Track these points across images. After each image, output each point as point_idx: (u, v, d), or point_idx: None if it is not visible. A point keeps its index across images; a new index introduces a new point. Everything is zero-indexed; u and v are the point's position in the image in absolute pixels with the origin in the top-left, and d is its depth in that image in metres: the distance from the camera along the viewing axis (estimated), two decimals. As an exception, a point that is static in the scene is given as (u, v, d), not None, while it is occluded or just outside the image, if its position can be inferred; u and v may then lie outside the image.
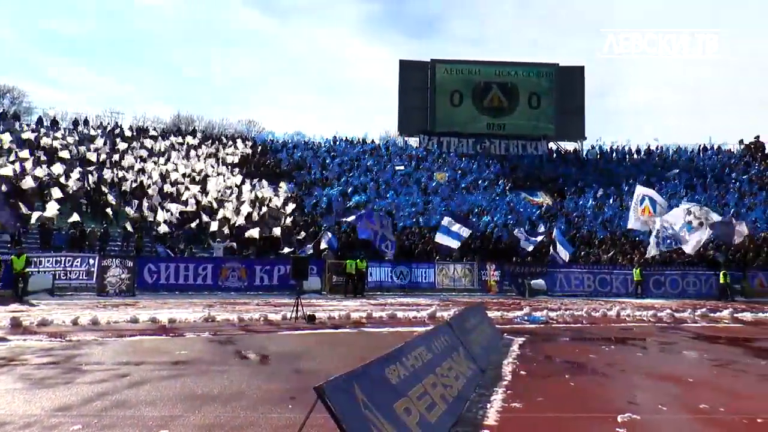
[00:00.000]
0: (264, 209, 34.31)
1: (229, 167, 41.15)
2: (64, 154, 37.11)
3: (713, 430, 6.25)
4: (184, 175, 37.84)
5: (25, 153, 35.34)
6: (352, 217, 28.61)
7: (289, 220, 33.23)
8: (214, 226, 31.16)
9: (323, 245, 28.80)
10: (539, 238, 31.84)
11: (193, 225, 31.23)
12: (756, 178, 45.81)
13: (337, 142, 50.39)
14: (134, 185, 34.78)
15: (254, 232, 30.37)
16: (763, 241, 33.01)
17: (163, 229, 29.93)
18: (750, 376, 9.38)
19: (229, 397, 7.11)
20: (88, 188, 33.11)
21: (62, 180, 32.71)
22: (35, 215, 28.38)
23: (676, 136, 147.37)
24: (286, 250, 29.57)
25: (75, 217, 28.54)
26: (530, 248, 31.20)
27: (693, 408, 7.03)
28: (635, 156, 51.81)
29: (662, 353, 12.05)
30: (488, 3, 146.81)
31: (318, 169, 42.79)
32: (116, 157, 39.17)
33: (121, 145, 41.80)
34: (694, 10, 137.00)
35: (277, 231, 30.86)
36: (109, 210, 31.20)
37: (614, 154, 52.10)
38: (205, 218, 31.97)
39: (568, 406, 7.17)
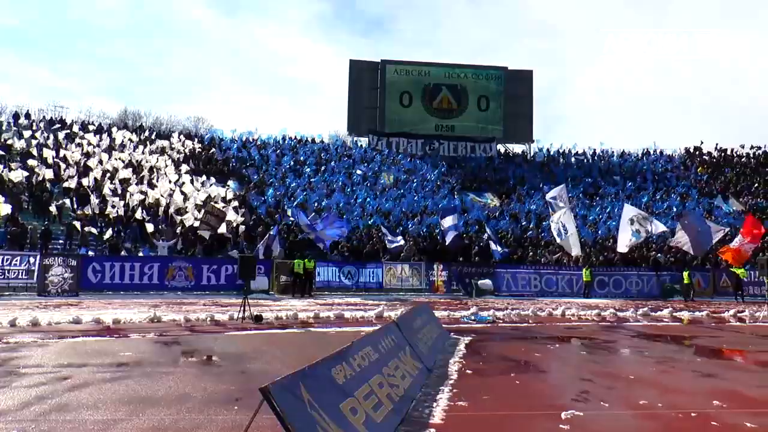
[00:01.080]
0: (211, 208, 33.80)
1: (177, 164, 40.47)
2: (4, 148, 36.03)
3: (651, 425, 6.41)
4: (129, 172, 37.05)
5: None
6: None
7: (236, 218, 32.85)
8: (160, 225, 30.62)
9: (275, 246, 28.50)
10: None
11: (138, 223, 30.61)
12: (696, 183, 47.24)
13: (286, 141, 50.06)
14: (78, 181, 33.92)
15: (202, 231, 29.94)
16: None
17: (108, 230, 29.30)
18: (687, 372, 9.67)
19: (174, 399, 7.02)
20: (30, 184, 32.22)
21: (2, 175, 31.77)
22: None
23: (620, 140, 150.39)
24: (235, 251, 29.25)
25: (6, 209, 27.65)
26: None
27: (633, 404, 7.22)
28: (582, 159, 52.77)
29: (605, 351, 12.30)
30: (439, 4, 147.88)
31: (266, 168, 42.42)
32: (59, 152, 38.12)
33: (65, 140, 40.76)
34: (645, 12, 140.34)
35: (224, 230, 30.48)
36: (53, 207, 30.36)
37: (561, 158, 52.98)
38: (150, 216, 31.39)
39: (513, 403, 7.28)
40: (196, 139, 48.37)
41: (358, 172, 44.21)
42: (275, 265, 27.45)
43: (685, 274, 29.62)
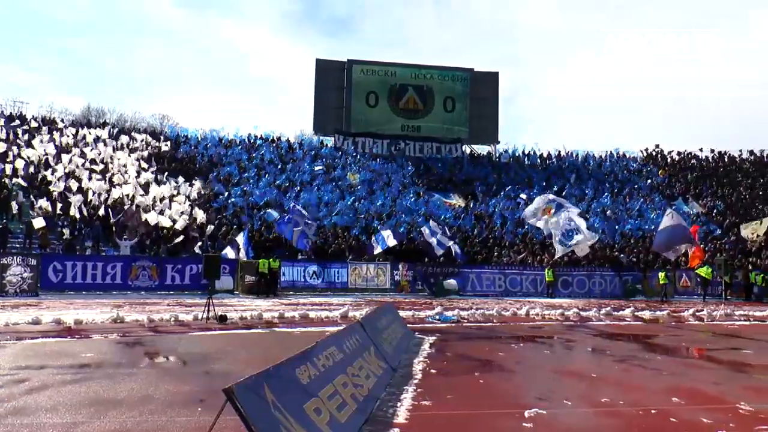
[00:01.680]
0: (176, 206, 33.48)
1: (141, 162, 39.91)
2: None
3: (612, 423, 6.52)
4: (92, 170, 36.48)
5: None
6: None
7: (202, 217, 32.57)
8: (128, 225, 30.12)
9: (241, 248, 28.18)
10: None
11: (100, 221, 30.14)
12: (657, 185, 48.08)
13: (252, 140, 49.71)
14: (39, 178, 33.28)
15: (168, 232, 29.64)
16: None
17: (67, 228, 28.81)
18: (647, 370, 9.81)
19: (136, 401, 6.91)
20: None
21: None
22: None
23: (585, 142, 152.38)
24: (198, 249, 28.98)
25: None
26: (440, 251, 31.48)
27: (595, 402, 7.33)
28: (546, 161, 53.26)
29: (568, 350, 12.45)
30: (406, 5, 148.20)
31: (233, 167, 42.06)
32: (19, 148, 37.32)
33: (25, 136, 39.94)
34: (612, 15, 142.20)
35: (184, 227, 30.16)
36: (14, 204, 29.74)
37: (526, 159, 53.42)
38: (116, 216, 30.90)
39: (476, 402, 7.32)
40: (161, 137, 47.71)
41: (318, 168, 44.10)
42: (240, 265, 27.25)
43: (662, 274, 30.18)
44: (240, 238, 27.93)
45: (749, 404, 7.15)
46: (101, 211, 30.53)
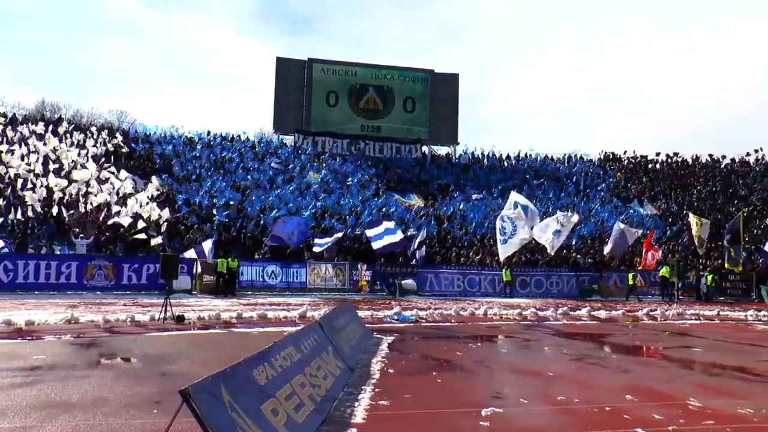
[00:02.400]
0: (133, 204, 32.92)
1: (97, 159, 39.15)
2: None
3: (567, 420, 6.60)
4: (46, 166, 35.68)
5: None
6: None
7: (159, 216, 32.09)
8: (78, 222, 29.58)
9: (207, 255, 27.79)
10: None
11: (54, 219, 29.51)
12: (613, 187, 48.92)
13: (212, 138, 49.20)
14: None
15: (124, 230, 29.16)
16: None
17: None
18: (602, 368, 9.98)
19: (90, 403, 6.76)
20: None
21: None
22: None
23: (545, 145, 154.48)
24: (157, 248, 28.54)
25: None
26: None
27: (551, 400, 7.41)
28: (505, 163, 53.76)
29: (525, 349, 12.58)
30: (369, 5, 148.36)
31: (191, 165, 41.57)
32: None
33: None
34: (576, 18, 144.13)
35: (141, 225, 29.70)
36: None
37: (486, 160, 53.83)
38: (68, 213, 30.30)
39: (434, 402, 7.35)
40: (118, 133, 46.84)
41: (274, 164, 43.91)
42: (198, 264, 26.95)
43: (630, 275, 30.71)
44: (207, 245, 27.57)
45: (698, 400, 7.34)
46: (55, 209, 29.90)
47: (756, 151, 55.99)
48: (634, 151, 56.38)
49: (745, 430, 6.29)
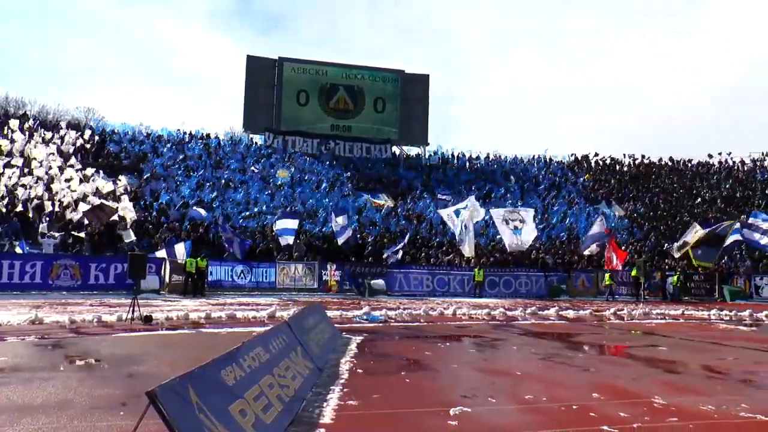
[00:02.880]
0: (101, 203, 32.40)
1: (64, 157, 38.51)
2: None
3: (535, 419, 6.64)
4: (9, 163, 35.03)
5: None
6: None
7: (127, 215, 31.65)
8: (44, 220, 29.07)
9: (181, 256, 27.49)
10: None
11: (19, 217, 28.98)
12: (583, 189, 49.48)
13: (181, 137, 48.75)
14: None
15: (90, 227, 28.70)
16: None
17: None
18: (569, 367, 10.07)
19: (55, 406, 6.61)
20: None
21: None
22: None
23: (515, 146, 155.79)
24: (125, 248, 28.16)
25: None
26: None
27: (519, 399, 7.46)
28: (475, 163, 54.01)
29: (494, 349, 12.63)
30: (340, 5, 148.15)
31: (160, 163, 41.12)
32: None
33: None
34: (542, 21, 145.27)
35: (111, 225, 29.31)
36: None
37: (455, 161, 54.05)
38: (34, 211, 29.77)
39: (402, 401, 7.35)
40: (86, 130, 46.12)
41: (253, 169, 43.70)
42: (167, 264, 26.67)
43: (607, 276, 31.04)
44: (180, 249, 27.25)
45: (662, 398, 7.44)
46: (20, 207, 29.38)
47: (719, 153, 57.28)
48: (602, 154, 57.14)
49: (706, 426, 6.39)
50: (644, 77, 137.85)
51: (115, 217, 29.39)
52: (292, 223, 31.01)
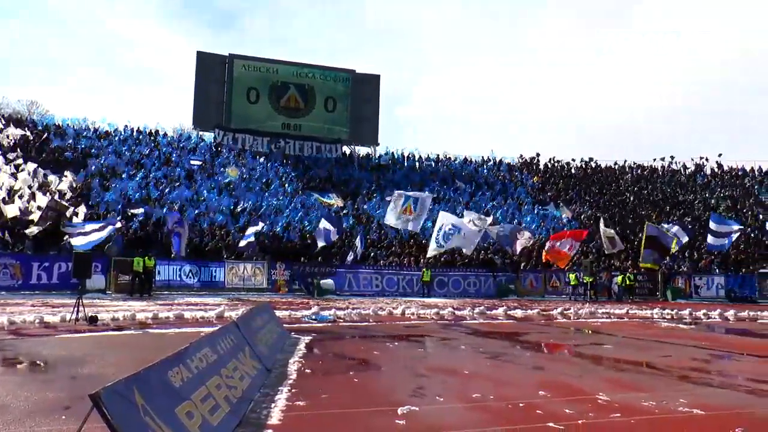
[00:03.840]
0: (44, 200, 31.54)
1: (4, 151, 37.34)
2: None
3: (482, 417, 6.71)
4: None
5: None
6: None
7: (72, 212, 30.88)
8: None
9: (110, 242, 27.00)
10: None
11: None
12: (531, 190, 50.17)
13: (129, 132, 47.78)
14: None
15: (33, 225, 27.92)
16: (533, 247, 35.91)
17: None
18: (516, 366, 10.22)
19: (-9, 410, 6.44)
20: None
21: None
22: None
23: (465, 147, 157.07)
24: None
25: None
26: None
27: (467, 397, 7.52)
28: (425, 164, 54.25)
29: (442, 348, 12.73)
30: (293, 3, 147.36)
31: (107, 159, 40.21)
32: None
33: None
34: (502, 22, 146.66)
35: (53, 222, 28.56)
36: None
37: (405, 161, 54.23)
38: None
39: (351, 401, 7.35)
40: (28, 125, 44.83)
41: (195, 162, 43.20)
42: (113, 263, 26.14)
43: (572, 276, 31.59)
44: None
45: (606, 395, 7.64)
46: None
47: (662, 158, 58.70)
48: (550, 155, 58.05)
49: (648, 421, 6.57)
50: (599, 80, 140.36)
51: (67, 214, 28.65)
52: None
